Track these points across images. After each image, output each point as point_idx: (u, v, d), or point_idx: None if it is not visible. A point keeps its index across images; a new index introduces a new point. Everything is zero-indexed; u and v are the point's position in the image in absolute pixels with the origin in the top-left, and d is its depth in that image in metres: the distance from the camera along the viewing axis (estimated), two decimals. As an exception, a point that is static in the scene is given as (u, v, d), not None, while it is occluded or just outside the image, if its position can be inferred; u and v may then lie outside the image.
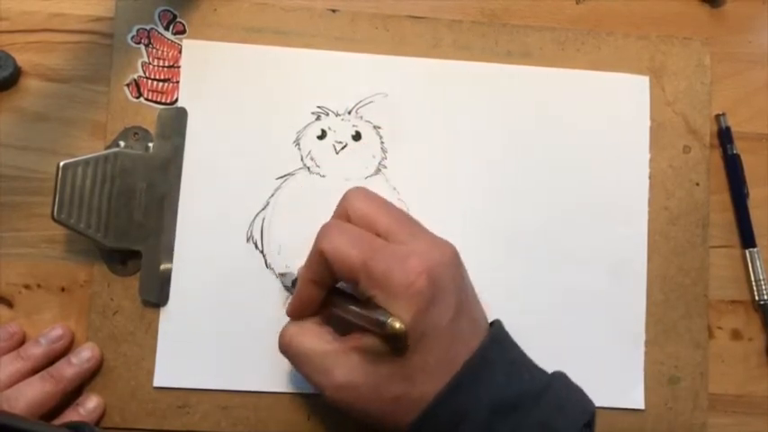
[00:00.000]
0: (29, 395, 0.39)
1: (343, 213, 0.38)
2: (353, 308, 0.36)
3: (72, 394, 0.41)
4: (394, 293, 0.34)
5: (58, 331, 0.42)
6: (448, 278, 0.35)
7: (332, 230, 0.37)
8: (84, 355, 0.41)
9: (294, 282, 0.42)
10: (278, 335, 0.39)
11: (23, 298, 0.43)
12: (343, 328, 0.37)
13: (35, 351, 0.41)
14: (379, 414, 0.35)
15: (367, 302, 0.35)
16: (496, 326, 0.38)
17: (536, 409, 0.35)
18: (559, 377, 0.38)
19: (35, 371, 0.41)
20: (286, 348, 0.38)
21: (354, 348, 0.35)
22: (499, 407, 0.35)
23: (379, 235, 0.37)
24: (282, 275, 0.43)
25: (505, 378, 0.36)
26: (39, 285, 0.43)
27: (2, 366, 0.40)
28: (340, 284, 0.39)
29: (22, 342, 0.42)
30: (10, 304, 0.43)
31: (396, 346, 0.34)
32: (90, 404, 0.41)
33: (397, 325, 0.33)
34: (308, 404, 0.43)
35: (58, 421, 0.40)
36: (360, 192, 0.39)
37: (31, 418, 0.38)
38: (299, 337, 0.38)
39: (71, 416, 0.41)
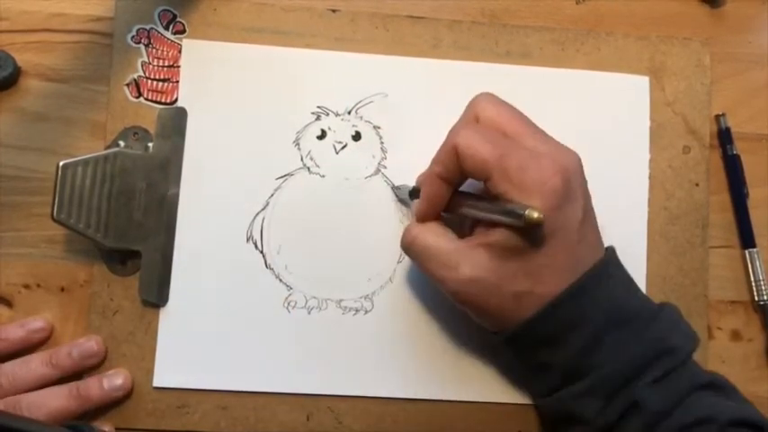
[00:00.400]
0: (52, 407, 0.39)
1: (471, 116, 0.39)
2: (485, 204, 0.37)
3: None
4: (528, 190, 0.35)
5: (92, 347, 0.42)
6: (577, 183, 0.37)
7: (465, 128, 0.37)
8: (117, 383, 0.41)
9: (412, 192, 0.42)
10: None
11: (23, 298, 0.43)
12: (462, 234, 0.39)
13: (65, 362, 0.41)
14: (499, 309, 0.37)
15: (496, 199, 0.36)
16: (612, 247, 0.39)
17: (652, 325, 0.37)
18: (672, 306, 0.39)
19: (61, 379, 0.41)
20: (410, 245, 0.39)
21: (482, 245, 0.36)
22: (616, 317, 0.36)
23: (507, 137, 0.37)
24: (397, 188, 0.44)
25: (625, 292, 0.38)
26: (38, 285, 0.43)
27: (31, 366, 0.40)
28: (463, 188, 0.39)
29: (48, 336, 0.42)
30: (9, 304, 0.43)
31: (531, 237, 0.35)
32: (117, 380, 0.41)
33: (536, 215, 0.33)
34: (308, 404, 0.43)
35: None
36: (489, 96, 0.39)
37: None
38: (425, 234, 0.38)
39: (94, 386, 0.41)
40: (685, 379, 0.36)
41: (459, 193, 0.39)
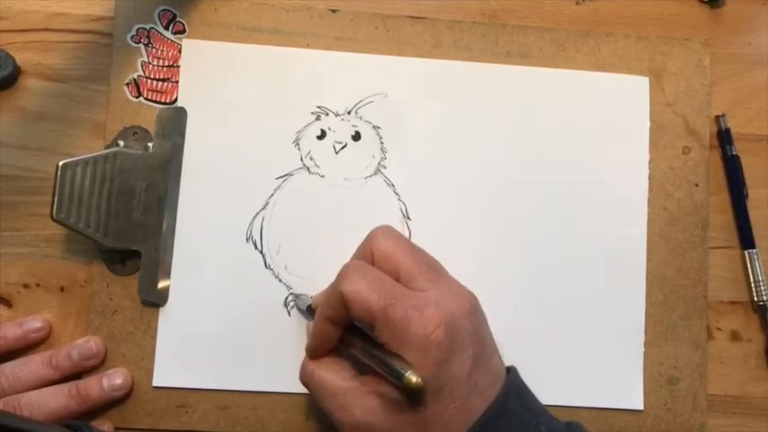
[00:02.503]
0: (52, 406, 0.40)
1: (367, 251, 0.38)
2: (374, 352, 0.36)
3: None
4: (410, 344, 0.34)
5: (92, 348, 0.42)
6: (465, 329, 0.35)
7: (353, 273, 0.36)
8: (116, 382, 0.41)
9: (308, 308, 0.41)
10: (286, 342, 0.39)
11: (23, 297, 0.43)
12: (361, 364, 0.38)
13: (65, 364, 0.41)
14: None
15: (382, 347, 0.35)
16: (512, 375, 0.38)
17: None
18: (575, 428, 0.38)
19: (61, 380, 0.41)
20: (308, 381, 0.38)
21: (374, 392, 0.36)
22: None
23: (399, 277, 0.37)
24: (296, 297, 0.43)
25: (522, 429, 0.36)
26: (38, 285, 0.43)
27: (31, 367, 0.41)
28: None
29: (47, 336, 0.42)
30: (9, 304, 0.43)
31: (412, 397, 0.34)
32: (117, 380, 0.41)
33: (414, 379, 0.33)
34: (307, 404, 0.43)
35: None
36: (386, 231, 0.39)
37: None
38: (320, 371, 0.38)
39: (94, 386, 0.41)
40: None
41: (352, 329, 0.38)
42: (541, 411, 0.38)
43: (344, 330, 0.38)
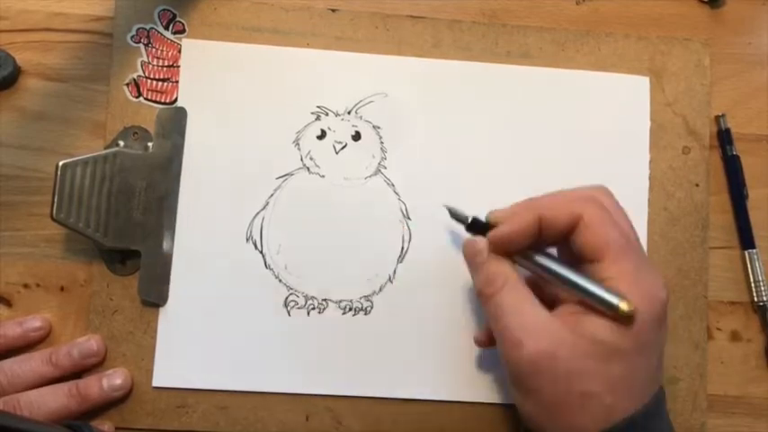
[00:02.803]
0: (51, 406, 0.39)
1: (590, 197, 0.37)
2: (578, 277, 0.35)
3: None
4: (640, 291, 0.34)
5: (92, 347, 0.42)
6: (666, 311, 0.36)
7: (593, 203, 0.36)
8: (116, 382, 0.41)
9: (472, 224, 0.39)
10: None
11: (22, 297, 0.43)
12: (539, 292, 0.37)
13: (65, 362, 0.41)
14: (555, 403, 0.34)
15: (589, 279, 0.35)
16: (662, 390, 0.37)
17: None
18: None
19: (61, 378, 0.41)
20: (492, 294, 0.36)
21: (569, 328, 0.34)
22: None
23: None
24: (454, 212, 0.40)
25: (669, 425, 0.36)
26: (38, 285, 0.43)
27: (31, 365, 0.41)
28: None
29: (47, 335, 0.42)
30: (9, 304, 0.43)
31: (625, 340, 0.34)
32: (117, 380, 0.41)
33: (629, 308, 0.33)
34: (308, 404, 0.43)
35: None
36: (609, 192, 0.38)
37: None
38: (512, 289, 0.36)
39: (93, 385, 0.41)
40: None
41: (540, 251, 0.37)
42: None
43: (536, 251, 0.37)
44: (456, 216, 0.40)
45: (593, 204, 0.36)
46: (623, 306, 0.33)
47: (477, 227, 0.39)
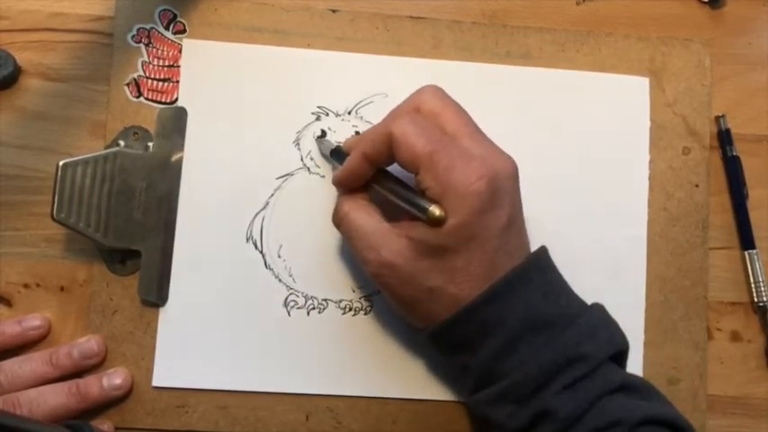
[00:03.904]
0: (51, 404, 0.39)
1: (413, 106, 0.39)
2: (402, 191, 0.37)
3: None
4: (452, 190, 0.35)
5: (92, 347, 0.42)
6: (506, 189, 0.37)
7: (404, 116, 0.37)
8: (116, 382, 0.41)
9: (333, 151, 0.42)
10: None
11: (23, 297, 0.43)
12: (390, 211, 0.39)
13: (65, 362, 0.41)
14: (413, 300, 0.37)
15: (419, 193, 0.36)
16: (542, 249, 0.39)
17: (567, 331, 0.36)
18: (597, 308, 0.38)
19: (60, 378, 0.41)
20: (340, 221, 0.39)
21: (404, 235, 0.37)
22: (532, 323, 0.36)
23: (444, 134, 0.37)
24: (320, 140, 0.44)
25: (542, 298, 0.37)
26: (38, 285, 0.43)
27: (31, 365, 0.41)
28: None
29: (46, 334, 0.42)
30: (9, 303, 0.43)
31: (448, 238, 0.35)
32: (117, 380, 0.41)
33: (438, 212, 0.35)
34: (307, 404, 0.43)
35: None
36: (436, 90, 0.39)
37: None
38: (356, 212, 0.39)
39: (93, 385, 0.41)
40: (597, 385, 0.36)
41: (380, 171, 0.39)
42: (564, 288, 0.38)
43: (376, 172, 0.39)
44: (322, 148, 0.44)
45: (401, 119, 0.37)
46: (432, 212, 0.35)
47: (339, 155, 0.42)
